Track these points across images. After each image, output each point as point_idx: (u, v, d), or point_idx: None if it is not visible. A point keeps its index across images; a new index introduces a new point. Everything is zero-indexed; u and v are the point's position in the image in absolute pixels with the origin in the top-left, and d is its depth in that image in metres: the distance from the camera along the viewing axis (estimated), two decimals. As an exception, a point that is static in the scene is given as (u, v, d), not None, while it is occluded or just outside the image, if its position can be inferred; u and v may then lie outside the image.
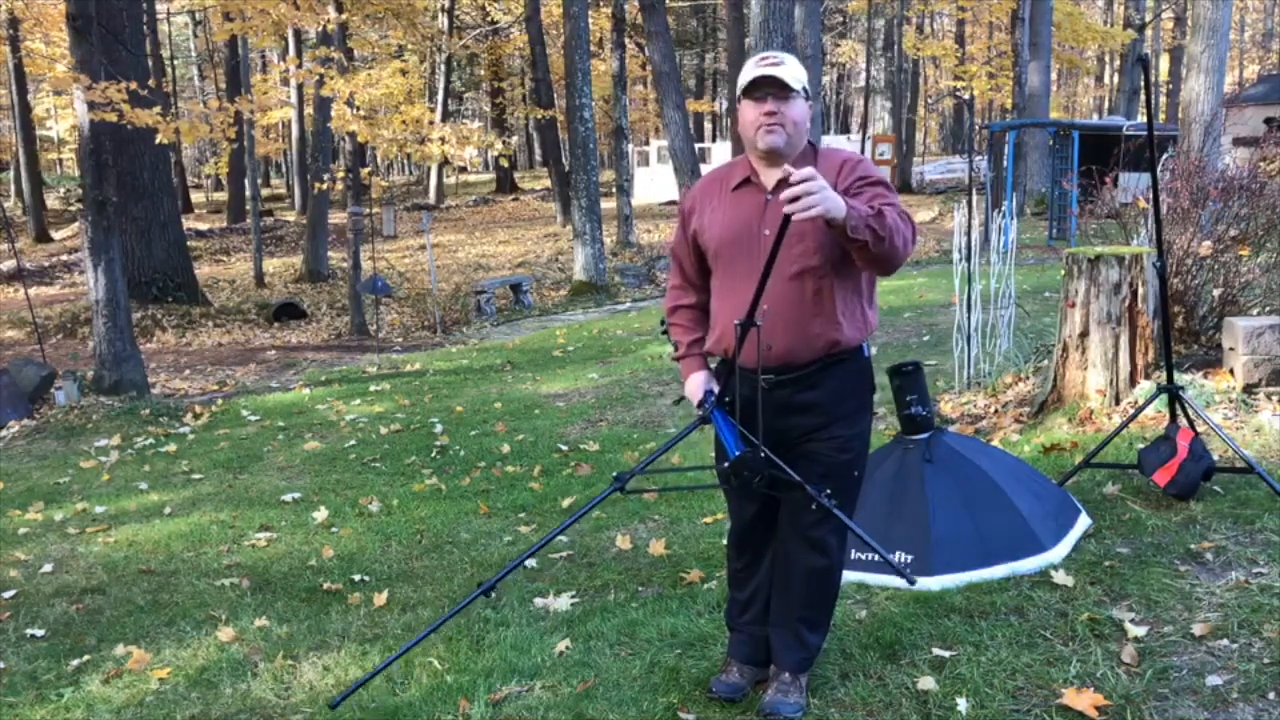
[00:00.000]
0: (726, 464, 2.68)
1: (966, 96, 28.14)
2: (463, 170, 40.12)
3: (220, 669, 3.52)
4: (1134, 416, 4.52)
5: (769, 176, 2.76)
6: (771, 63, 2.71)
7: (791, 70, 2.71)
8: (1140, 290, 5.12)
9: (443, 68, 34.61)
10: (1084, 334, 5.26)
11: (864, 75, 35.80)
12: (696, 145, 18.44)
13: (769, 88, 2.69)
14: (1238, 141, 16.18)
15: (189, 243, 18.75)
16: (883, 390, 3.44)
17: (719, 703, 2.93)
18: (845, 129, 44.17)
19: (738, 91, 2.77)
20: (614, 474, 2.77)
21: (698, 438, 2.91)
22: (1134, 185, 7.46)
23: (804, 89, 2.73)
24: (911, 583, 2.79)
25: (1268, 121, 17.43)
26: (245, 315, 15.81)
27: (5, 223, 16.73)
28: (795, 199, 2.37)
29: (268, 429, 7.83)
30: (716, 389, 2.85)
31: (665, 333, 3.05)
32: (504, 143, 15.89)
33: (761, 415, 2.74)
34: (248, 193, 23.55)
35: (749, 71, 2.73)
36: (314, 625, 3.86)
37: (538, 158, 47.85)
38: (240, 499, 5.85)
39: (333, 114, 14.16)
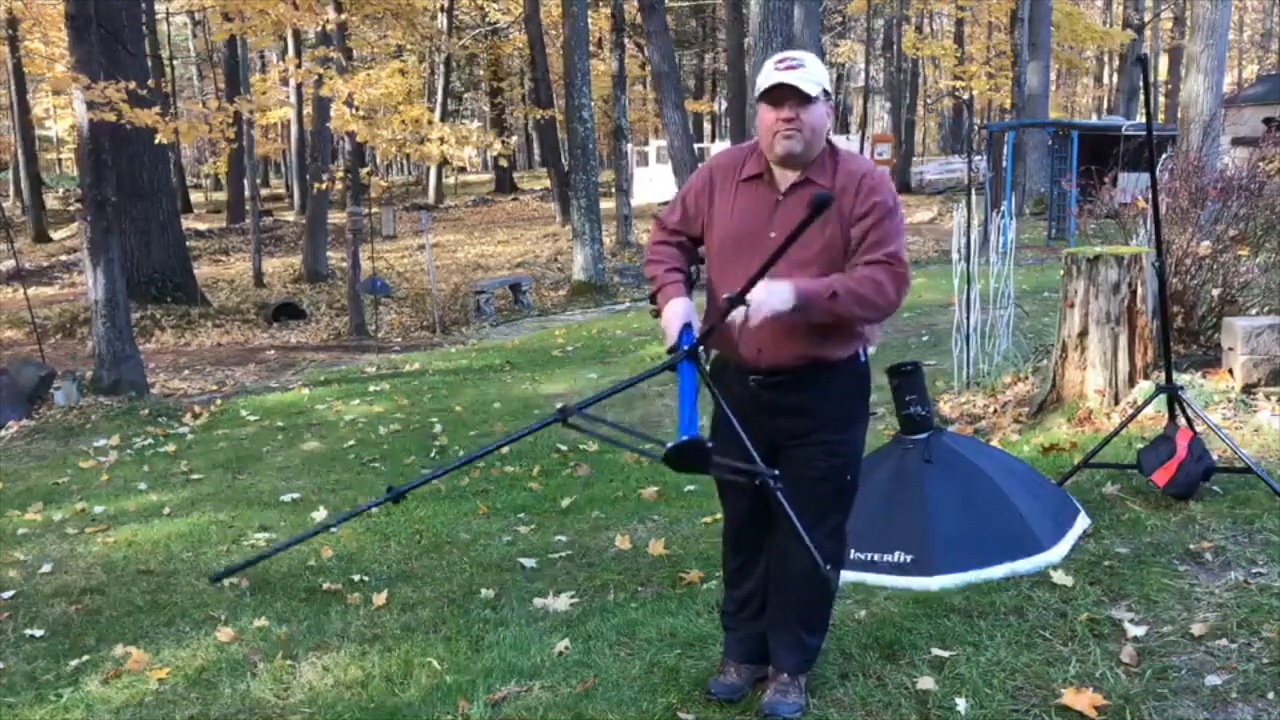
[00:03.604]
0: (669, 447, 2.55)
1: (966, 96, 28.16)
2: (462, 170, 40.09)
3: (219, 669, 3.51)
4: (1133, 416, 4.52)
5: (783, 176, 2.72)
6: (790, 66, 2.63)
7: (812, 73, 2.63)
8: (1139, 290, 5.12)
9: (442, 68, 34.60)
10: (1083, 334, 5.26)
11: (863, 75, 35.82)
12: (696, 145, 18.46)
13: (788, 95, 2.62)
14: (1237, 141, 16.20)
15: (188, 243, 18.74)
16: (881, 390, 3.44)
17: (718, 703, 2.93)
18: (844, 129, 44.15)
19: (755, 93, 2.69)
20: (559, 406, 2.71)
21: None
22: (1133, 185, 7.47)
23: (824, 91, 2.65)
24: (834, 580, 2.80)
25: (1266, 121, 17.44)
26: (244, 315, 15.80)
27: (4, 223, 16.73)
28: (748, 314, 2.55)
29: (267, 429, 7.82)
30: (696, 325, 2.72)
31: (656, 314, 2.87)
32: (503, 143, 15.89)
33: (743, 417, 2.71)
34: (247, 193, 23.54)
35: (767, 75, 2.65)
36: (313, 625, 3.86)
37: (537, 158, 47.83)
38: (239, 499, 5.84)
39: (332, 114, 14.16)
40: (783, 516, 2.74)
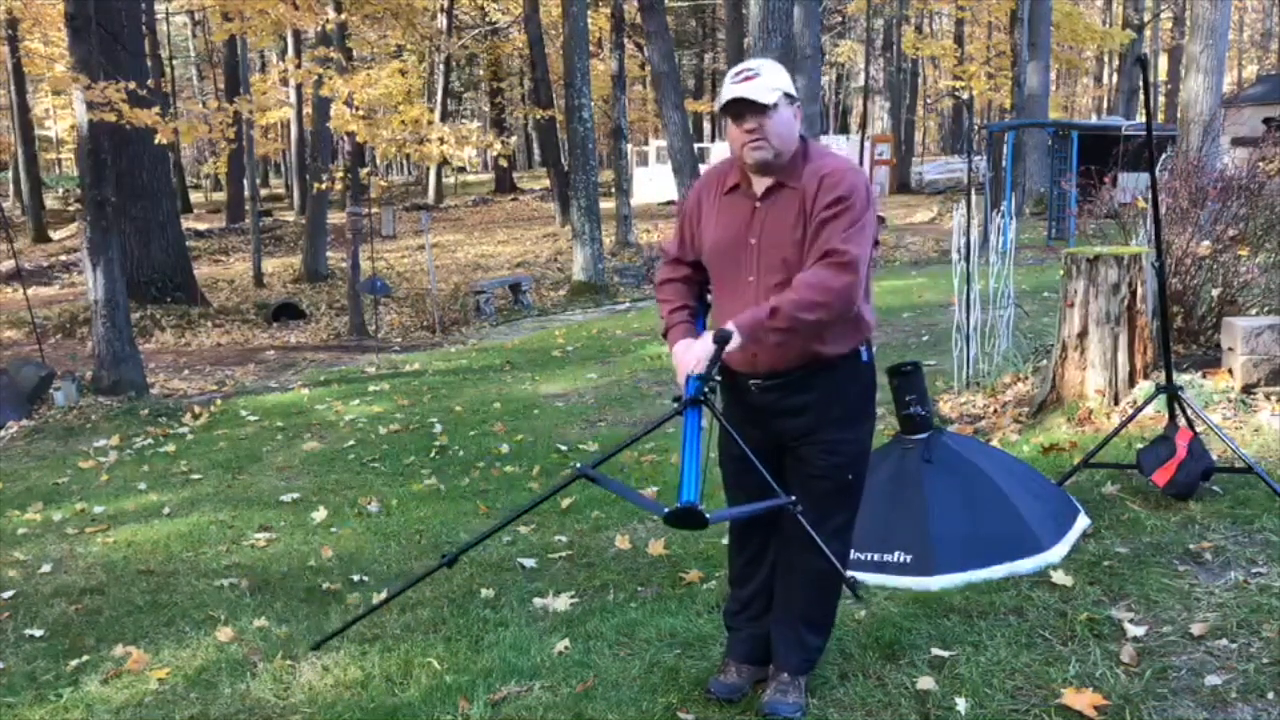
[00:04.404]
0: (667, 511, 2.59)
1: (965, 96, 28.14)
2: (461, 170, 40.09)
3: (219, 669, 3.51)
4: (1133, 417, 4.52)
5: (759, 183, 2.75)
6: (744, 78, 2.64)
7: (767, 82, 2.63)
8: (1139, 290, 5.12)
9: (441, 68, 34.61)
10: (1083, 334, 5.26)
11: (863, 75, 35.81)
12: (695, 145, 18.47)
13: (744, 108, 2.64)
14: (1236, 141, 16.19)
15: (188, 243, 18.74)
16: (881, 390, 3.44)
17: (718, 703, 2.93)
18: (844, 129, 44.17)
19: (717, 108, 2.74)
20: (576, 464, 2.77)
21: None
22: (1133, 185, 7.47)
23: (785, 95, 2.65)
24: (859, 596, 2.88)
25: (1266, 121, 17.44)
26: (244, 315, 15.80)
27: (4, 223, 16.74)
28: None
29: (267, 429, 7.82)
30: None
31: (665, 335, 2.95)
32: (503, 143, 15.87)
33: (739, 418, 2.76)
34: (246, 193, 23.54)
35: (725, 89, 2.68)
36: (313, 625, 3.86)
37: (536, 158, 47.85)
38: (239, 499, 5.85)
39: (331, 114, 14.15)
40: (801, 533, 2.76)
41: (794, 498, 2.69)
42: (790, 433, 2.79)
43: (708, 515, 2.57)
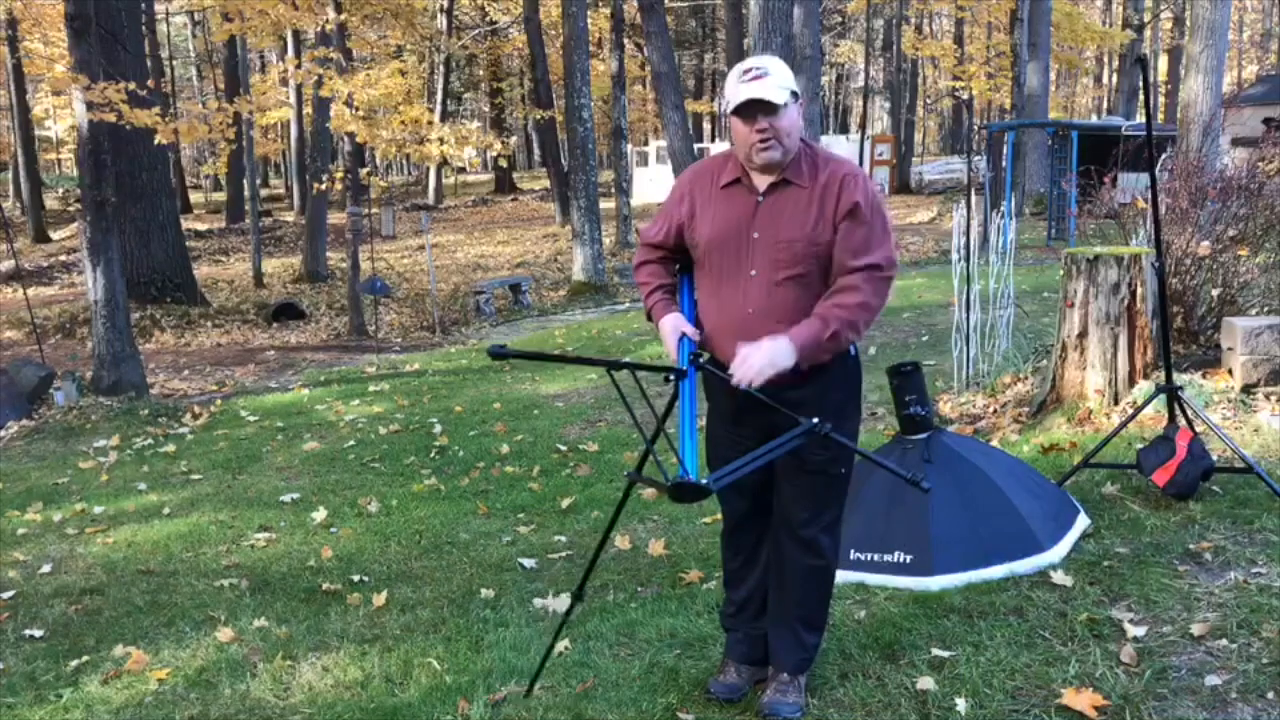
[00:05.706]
0: (670, 484, 2.60)
1: (965, 97, 28.17)
2: (461, 171, 40.08)
3: (219, 670, 3.52)
4: (1133, 417, 4.52)
5: (760, 179, 2.75)
6: (754, 77, 2.65)
7: (777, 81, 2.65)
8: (1139, 290, 5.12)
9: (441, 68, 34.62)
10: (1083, 334, 5.26)
11: (863, 75, 35.83)
12: (695, 145, 18.48)
13: (757, 108, 2.64)
14: (1236, 141, 16.19)
15: (188, 243, 18.73)
16: (882, 390, 3.45)
17: (717, 703, 2.93)
18: (844, 129, 44.19)
19: (726, 107, 2.72)
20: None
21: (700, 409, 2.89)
22: (1133, 185, 7.46)
23: (791, 93, 2.66)
24: (926, 490, 2.75)
25: (1266, 121, 17.43)
26: (244, 315, 15.80)
27: (4, 223, 16.73)
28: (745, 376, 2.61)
29: (266, 429, 7.82)
30: (694, 337, 2.78)
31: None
32: (503, 143, 15.85)
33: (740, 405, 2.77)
34: (246, 193, 23.54)
35: (734, 89, 2.67)
36: (313, 626, 3.86)
37: (536, 158, 47.86)
38: (239, 499, 5.85)
39: (331, 114, 14.16)
40: (797, 527, 2.77)
41: (816, 420, 2.64)
42: (782, 427, 2.78)
43: (704, 482, 2.58)
